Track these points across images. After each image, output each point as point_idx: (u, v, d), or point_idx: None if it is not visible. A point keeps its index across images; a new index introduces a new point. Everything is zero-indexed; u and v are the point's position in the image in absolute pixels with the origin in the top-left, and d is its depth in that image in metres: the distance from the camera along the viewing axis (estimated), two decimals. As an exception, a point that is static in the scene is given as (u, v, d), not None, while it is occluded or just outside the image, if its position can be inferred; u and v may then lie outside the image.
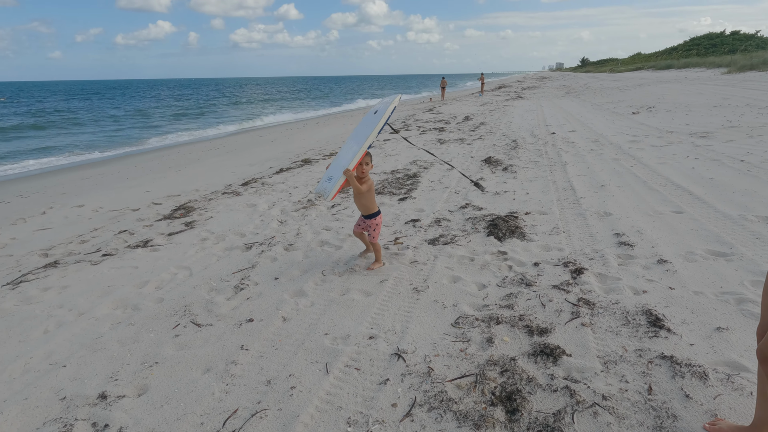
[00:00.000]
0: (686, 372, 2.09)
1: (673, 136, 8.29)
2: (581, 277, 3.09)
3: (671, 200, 4.64)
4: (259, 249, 4.05)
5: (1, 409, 2.14)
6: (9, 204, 7.14)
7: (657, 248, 3.48)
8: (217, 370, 2.34)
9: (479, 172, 6.52)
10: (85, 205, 6.42)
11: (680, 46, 56.67)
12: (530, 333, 2.48)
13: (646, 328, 2.46)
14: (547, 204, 4.81)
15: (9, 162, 13.04)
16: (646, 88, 20.38)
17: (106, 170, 10.39)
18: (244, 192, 6.37)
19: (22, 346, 2.70)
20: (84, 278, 3.68)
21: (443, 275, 3.27)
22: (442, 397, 2.03)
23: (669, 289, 2.86)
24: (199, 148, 13.41)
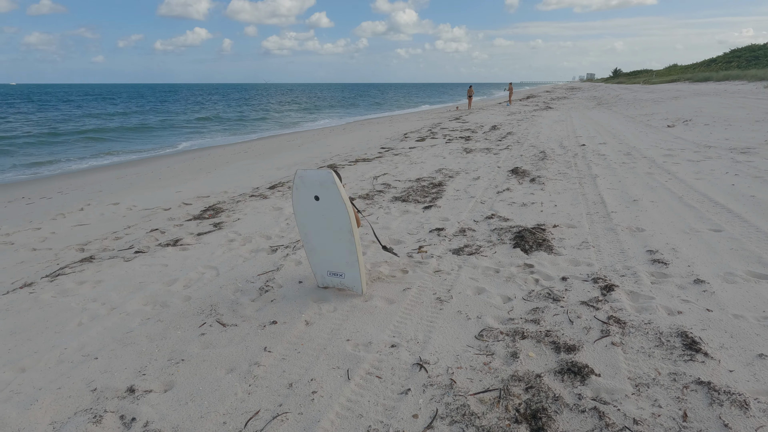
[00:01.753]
0: (725, 400, 1.98)
1: (711, 150, 7.97)
2: (611, 294, 2.99)
3: (709, 218, 4.44)
4: (285, 252, 4.11)
5: (37, 397, 2.23)
6: (50, 200, 7.50)
7: (693, 267, 3.34)
8: (240, 370, 2.37)
9: (506, 183, 6.43)
10: (120, 203, 6.68)
11: (719, 58, 54.67)
12: (557, 350, 2.41)
13: (681, 350, 2.35)
14: (576, 217, 4.69)
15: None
16: (683, 101, 19.71)
17: (140, 170, 10.79)
18: (271, 195, 6.48)
19: (57, 337, 2.81)
20: (117, 274, 3.81)
21: (467, 286, 3.23)
22: (465, 411, 1.99)
23: (706, 311, 2.73)
24: (228, 151, 13.77)
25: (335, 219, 2.92)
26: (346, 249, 2.99)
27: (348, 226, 2.89)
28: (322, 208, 2.92)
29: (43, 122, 26.76)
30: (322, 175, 2.83)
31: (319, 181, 2.85)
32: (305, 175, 2.90)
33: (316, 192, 2.89)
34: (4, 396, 2.25)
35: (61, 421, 2.07)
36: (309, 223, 3.04)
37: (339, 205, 2.85)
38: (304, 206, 2.99)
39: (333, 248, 3.05)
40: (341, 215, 2.88)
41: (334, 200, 2.85)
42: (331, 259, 3.10)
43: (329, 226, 2.97)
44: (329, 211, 2.91)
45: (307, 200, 2.95)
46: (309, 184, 2.89)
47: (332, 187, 2.81)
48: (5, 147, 16.62)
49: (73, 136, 20.60)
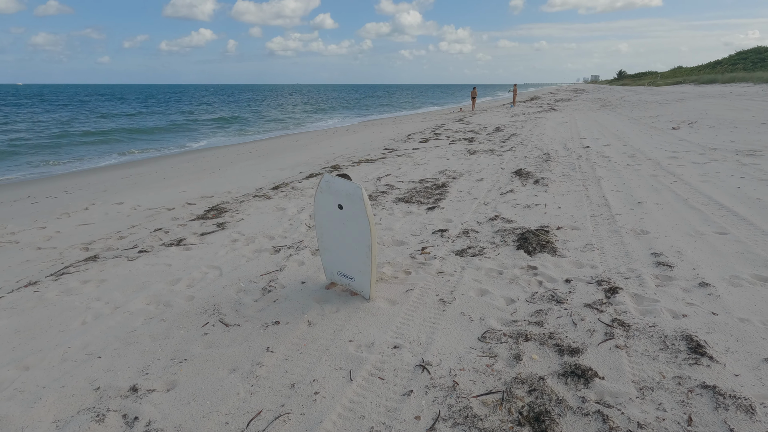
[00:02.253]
0: (731, 404, 1.96)
1: (716, 153, 7.92)
2: (615, 296, 2.97)
3: (714, 220, 4.41)
4: (288, 252, 4.11)
5: (40, 395, 2.23)
6: (56, 199, 7.55)
7: (698, 270, 3.31)
8: (242, 370, 2.37)
9: (509, 184, 6.42)
10: (124, 203, 6.71)
11: (725, 60, 54.38)
12: (560, 352, 2.40)
13: (686, 354, 2.33)
14: (580, 219, 4.67)
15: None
16: (688, 103, 19.61)
17: (144, 170, 10.84)
18: (275, 196, 6.49)
19: (61, 336, 2.82)
20: (121, 273, 3.83)
21: (470, 287, 3.22)
22: (467, 413, 1.98)
23: (711, 315, 2.71)
24: (232, 152, 13.81)
25: (356, 231, 2.90)
26: (361, 259, 2.98)
27: (368, 240, 2.87)
28: (344, 217, 2.92)
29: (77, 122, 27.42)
30: (350, 188, 2.82)
31: (346, 192, 2.84)
32: (333, 182, 2.89)
33: (341, 201, 2.88)
34: (8, 394, 2.26)
35: (64, 419, 2.08)
36: (327, 226, 3.04)
37: (362, 220, 2.83)
38: (326, 210, 3.00)
39: (348, 254, 3.04)
40: (363, 229, 2.86)
41: (359, 214, 2.83)
42: (344, 262, 3.09)
43: (348, 235, 2.96)
44: (351, 222, 2.90)
45: (329, 205, 2.96)
46: (335, 191, 2.89)
47: (359, 202, 2.79)
48: (52, 147, 16.94)
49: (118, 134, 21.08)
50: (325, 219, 3.04)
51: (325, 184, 2.95)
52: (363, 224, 2.85)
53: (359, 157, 9.96)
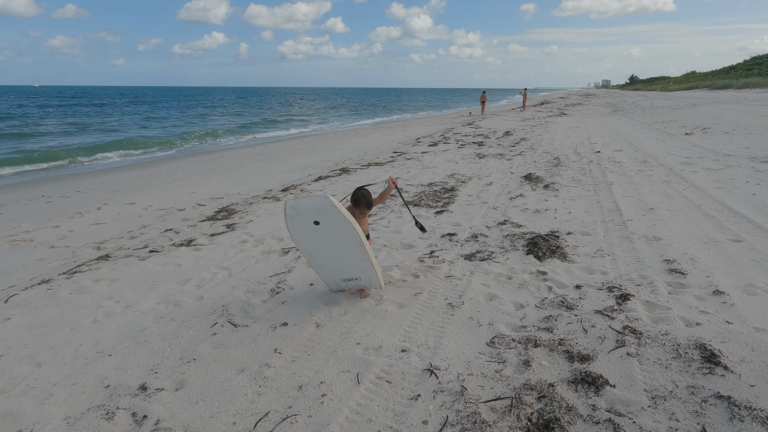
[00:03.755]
0: (746, 416, 1.92)
1: (731, 159, 7.79)
2: (627, 303, 2.93)
3: (729, 227, 4.34)
4: (296, 254, 4.12)
5: (52, 392, 2.26)
6: (69, 198, 7.67)
7: (712, 278, 3.25)
8: (250, 371, 2.38)
9: (519, 189, 6.38)
10: (136, 203, 6.79)
11: (740, 65, 53.59)
12: (570, 359, 2.37)
13: (700, 363, 2.28)
14: (591, 225, 4.62)
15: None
16: (701, 108, 19.35)
17: (156, 171, 10.97)
18: (284, 197, 6.53)
19: (73, 333, 2.86)
20: (132, 272, 3.87)
21: (479, 292, 3.20)
22: (475, 419, 1.96)
23: (726, 323, 2.65)
24: (242, 154, 13.93)
25: (341, 237, 2.85)
26: (358, 258, 2.94)
27: (357, 239, 2.82)
28: (325, 230, 2.84)
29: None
30: (318, 202, 2.73)
31: (316, 208, 2.74)
32: (298, 205, 2.78)
33: (314, 218, 2.78)
34: (21, 390, 2.29)
35: (74, 416, 2.10)
36: (312, 245, 2.96)
37: (343, 225, 2.77)
38: (303, 232, 2.88)
39: (344, 260, 3.00)
40: (347, 233, 2.81)
41: (337, 221, 2.77)
42: (344, 268, 3.05)
43: (336, 244, 2.90)
44: (333, 232, 2.84)
45: (305, 227, 2.85)
46: (304, 212, 2.78)
47: (332, 210, 2.73)
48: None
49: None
50: (307, 241, 2.92)
51: (291, 210, 2.79)
52: (346, 229, 2.79)
53: (368, 160, 9.98)
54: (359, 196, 3.04)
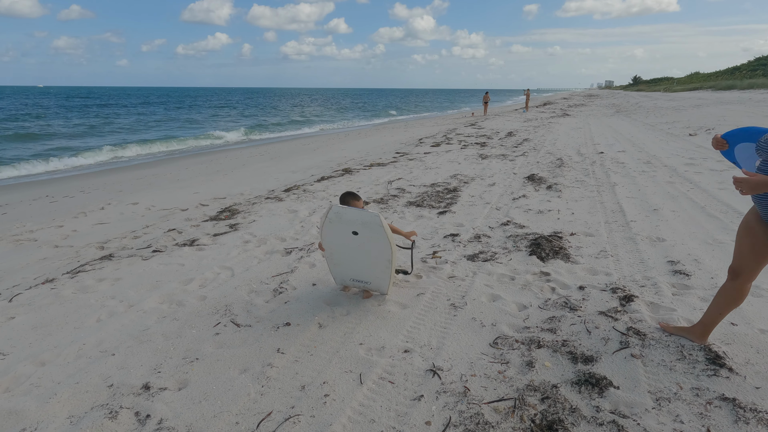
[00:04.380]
0: (751, 418, 1.91)
1: (735, 160, 7.76)
2: (631, 304, 2.92)
3: (733, 229, 4.31)
4: (299, 254, 4.12)
5: (55, 391, 2.27)
6: (73, 198, 7.70)
7: (717, 279, 3.24)
8: (253, 371, 2.38)
9: (522, 189, 6.36)
10: (139, 203, 6.81)
11: (744, 66, 53.35)
12: (574, 360, 2.36)
13: (705, 365, 2.27)
14: (594, 226, 4.61)
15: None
16: (705, 109, 19.26)
17: (159, 171, 11.00)
18: (286, 198, 6.53)
19: (76, 333, 2.87)
20: (135, 272, 3.88)
21: (482, 293, 3.19)
22: (479, 420, 1.96)
23: (731, 325, 2.64)
24: (245, 154, 13.95)
25: (375, 250, 2.88)
26: (380, 270, 2.97)
27: (389, 256, 2.87)
28: (360, 241, 2.88)
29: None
30: (366, 217, 2.78)
31: (362, 221, 2.79)
32: (343, 213, 2.83)
33: (356, 228, 2.84)
34: (25, 389, 2.30)
35: (78, 415, 2.10)
36: (339, 249, 2.99)
37: (383, 243, 2.82)
38: (337, 237, 2.93)
39: (364, 267, 3.02)
40: (383, 249, 2.85)
41: (378, 239, 2.81)
42: (359, 272, 3.07)
43: (365, 254, 2.94)
44: (368, 245, 2.88)
45: (341, 233, 2.89)
46: (347, 221, 2.83)
47: (378, 229, 2.77)
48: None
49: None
50: (336, 244, 2.98)
51: (335, 216, 2.85)
52: (383, 245, 2.84)
53: (371, 161, 9.98)
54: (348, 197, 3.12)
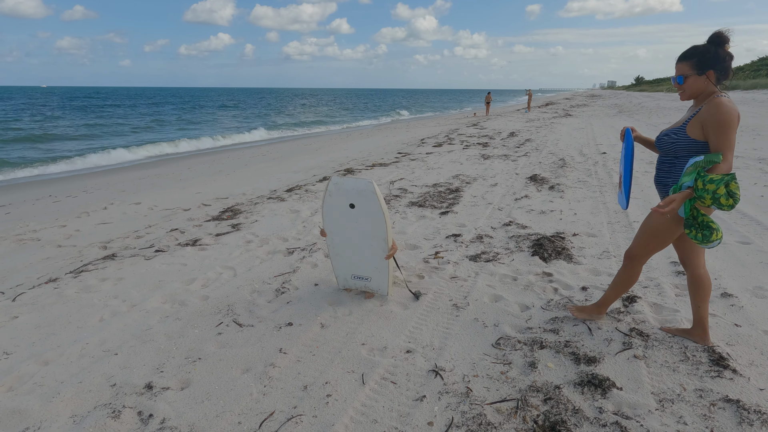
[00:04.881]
0: (755, 419, 1.90)
1: (738, 161, 7.73)
2: (634, 305, 2.91)
3: (737, 229, 4.30)
4: (301, 254, 4.13)
5: (58, 390, 2.27)
6: (75, 198, 7.72)
7: (720, 280, 3.22)
8: (255, 371, 2.38)
9: (524, 190, 6.35)
10: (142, 203, 6.83)
11: (747, 66, 53.17)
12: (577, 361, 2.35)
13: (708, 366, 2.26)
14: (597, 226, 4.60)
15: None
16: (708, 110, 19.18)
17: (161, 171, 11.03)
18: (289, 198, 6.54)
19: (79, 332, 2.87)
20: (137, 272, 3.89)
21: (484, 293, 3.18)
22: (481, 421, 1.95)
23: (734, 326, 2.63)
24: (247, 154, 13.97)
25: (370, 227, 2.89)
26: (377, 255, 2.97)
27: (384, 234, 2.86)
28: (357, 216, 2.90)
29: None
30: (362, 184, 2.80)
31: (358, 190, 2.82)
32: (342, 183, 2.87)
33: (353, 200, 2.85)
34: (28, 388, 2.31)
35: (81, 414, 2.11)
36: (338, 229, 3.03)
37: (377, 214, 2.82)
38: (336, 213, 2.96)
39: (362, 254, 3.02)
40: (378, 224, 2.85)
41: (372, 209, 2.82)
42: (358, 263, 3.08)
43: (362, 233, 2.95)
44: (364, 220, 2.89)
45: (340, 208, 2.92)
46: (345, 191, 2.87)
47: (372, 197, 2.79)
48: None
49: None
50: (336, 223, 3.02)
51: (333, 187, 2.90)
52: (378, 219, 2.84)
53: (373, 161, 9.98)
54: None
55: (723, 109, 2.07)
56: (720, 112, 2.07)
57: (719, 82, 2.18)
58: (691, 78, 2.20)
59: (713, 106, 2.10)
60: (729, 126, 2.06)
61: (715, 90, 2.18)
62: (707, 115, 2.11)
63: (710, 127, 2.09)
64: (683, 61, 2.21)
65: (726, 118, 2.06)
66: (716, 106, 2.09)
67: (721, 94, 2.15)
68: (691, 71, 2.19)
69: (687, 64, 2.20)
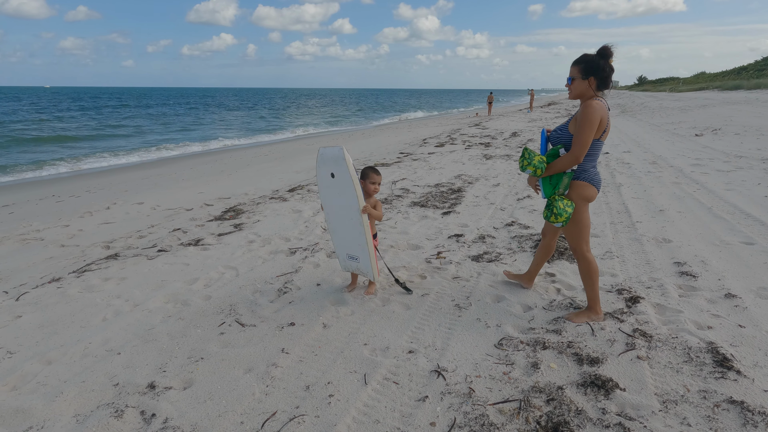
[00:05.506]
0: (759, 421, 1.89)
1: (742, 161, 7.70)
2: (637, 306, 2.90)
3: (740, 230, 4.28)
4: (303, 254, 4.13)
5: (62, 389, 2.28)
6: (79, 198, 7.75)
7: (724, 281, 3.21)
8: (258, 371, 2.38)
9: (526, 190, 6.34)
10: (144, 203, 6.84)
11: (751, 66, 52.99)
12: (579, 362, 2.35)
13: (712, 367, 2.25)
14: (600, 226, 4.58)
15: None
16: (711, 109, 19.13)
17: (164, 171, 11.06)
18: (291, 198, 6.55)
19: (83, 332, 2.88)
20: (140, 271, 3.90)
21: (486, 293, 3.18)
22: (483, 421, 1.95)
23: (738, 327, 2.61)
24: (249, 154, 14.00)
25: (346, 197, 2.93)
26: (357, 230, 2.98)
27: (355, 204, 2.89)
28: (336, 186, 2.95)
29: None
30: (335, 152, 2.87)
31: (333, 158, 2.88)
32: (323, 153, 2.97)
33: (332, 169, 2.92)
34: (31, 387, 2.32)
35: (84, 414, 2.11)
36: (327, 203, 3.09)
37: (348, 182, 2.86)
38: (324, 184, 3.05)
39: (347, 229, 3.05)
40: (350, 192, 2.89)
41: (345, 177, 2.87)
42: (348, 240, 3.09)
43: (342, 205, 2.99)
44: (342, 189, 2.93)
45: (325, 178, 3.01)
46: (326, 160, 2.95)
47: (342, 163, 2.84)
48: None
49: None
50: (325, 195, 3.08)
51: (319, 157, 3.00)
52: (350, 187, 2.86)
53: (374, 161, 9.98)
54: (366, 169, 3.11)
55: (589, 109, 2.41)
56: (586, 111, 2.41)
57: (599, 88, 2.51)
58: (577, 81, 2.51)
59: (584, 107, 2.45)
60: (589, 124, 2.41)
61: (594, 94, 2.50)
62: (579, 113, 2.48)
63: (578, 123, 2.46)
64: (574, 65, 2.52)
65: (588, 117, 2.40)
66: (586, 106, 2.44)
67: (598, 98, 2.48)
68: (578, 75, 2.50)
69: (576, 68, 2.51)
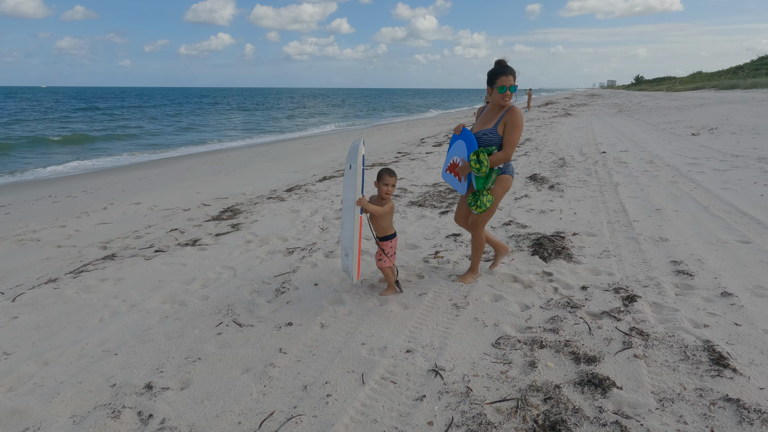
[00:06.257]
0: (755, 419, 1.90)
1: (738, 160, 7.73)
2: (633, 305, 2.91)
3: (736, 229, 4.30)
4: (301, 254, 4.13)
5: (58, 390, 2.27)
6: (75, 198, 7.72)
7: (720, 280, 3.22)
8: (255, 371, 2.38)
9: (524, 189, 6.35)
10: (142, 203, 6.82)
11: (747, 65, 53.20)
12: (577, 360, 2.35)
13: (708, 365, 2.26)
14: (597, 225, 4.59)
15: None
16: (708, 109, 19.21)
17: (161, 171, 11.03)
18: (288, 198, 6.54)
19: (79, 332, 2.87)
20: (137, 272, 3.89)
21: (484, 293, 3.18)
22: (481, 420, 1.95)
23: (734, 325, 2.63)
24: (247, 154, 13.97)
25: (351, 189, 2.92)
26: (350, 223, 2.94)
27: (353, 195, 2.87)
28: (349, 178, 2.97)
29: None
30: (355, 143, 2.92)
31: (353, 149, 2.92)
32: (354, 145, 2.96)
33: (350, 161, 2.95)
34: (28, 388, 2.31)
35: (81, 414, 2.11)
36: (343, 194, 3.10)
37: (353, 174, 2.87)
38: (345, 177, 3.06)
39: (346, 224, 3.04)
40: (352, 185, 2.89)
41: (354, 168, 2.88)
42: (345, 237, 3.07)
43: (348, 198, 2.98)
44: (351, 181, 2.93)
45: (346, 170, 3.03)
46: (350, 153, 2.98)
47: (354, 154, 2.87)
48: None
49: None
50: (344, 188, 3.08)
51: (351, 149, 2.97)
52: (353, 180, 2.85)
53: (373, 161, 9.98)
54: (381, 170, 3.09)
55: (519, 115, 2.91)
56: (516, 116, 2.90)
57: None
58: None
59: (514, 113, 2.91)
60: (519, 128, 2.92)
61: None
62: (509, 118, 2.92)
63: (508, 127, 2.92)
64: (513, 74, 2.91)
65: (518, 122, 2.91)
66: (516, 112, 2.91)
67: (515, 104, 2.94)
68: (514, 83, 2.92)
69: (513, 77, 2.91)
